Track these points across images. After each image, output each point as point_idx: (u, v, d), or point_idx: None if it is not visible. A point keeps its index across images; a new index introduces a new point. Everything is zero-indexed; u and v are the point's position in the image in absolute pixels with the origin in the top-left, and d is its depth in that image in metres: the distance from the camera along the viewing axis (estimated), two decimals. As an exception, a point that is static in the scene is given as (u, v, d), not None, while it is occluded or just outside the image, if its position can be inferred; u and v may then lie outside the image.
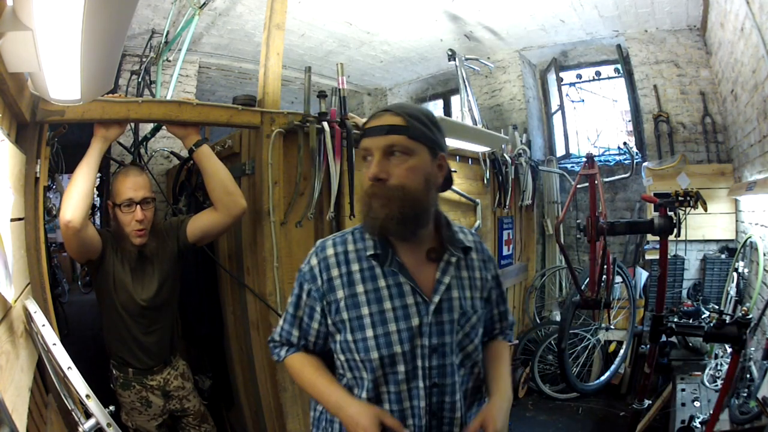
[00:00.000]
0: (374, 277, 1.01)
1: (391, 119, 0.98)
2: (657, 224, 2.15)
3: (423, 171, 0.98)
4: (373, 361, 0.97)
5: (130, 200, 1.72)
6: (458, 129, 2.75)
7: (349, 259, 1.03)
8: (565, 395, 3.64)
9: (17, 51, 0.98)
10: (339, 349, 1.02)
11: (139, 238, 1.76)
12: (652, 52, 3.84)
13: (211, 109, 1.82)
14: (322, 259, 1.04)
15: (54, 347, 1.17)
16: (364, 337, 0.98)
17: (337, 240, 1.06)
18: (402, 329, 0.98)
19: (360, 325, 0.99)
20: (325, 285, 1.02)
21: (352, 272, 1.01)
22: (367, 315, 0.99)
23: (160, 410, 1.86)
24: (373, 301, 0.99)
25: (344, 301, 1.00)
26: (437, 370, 1.00)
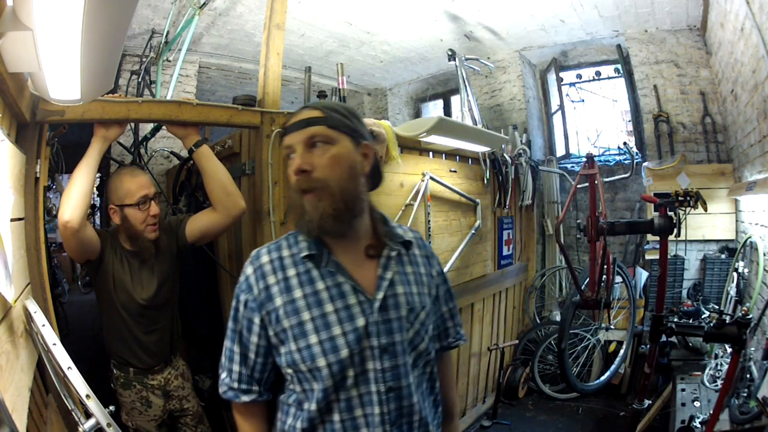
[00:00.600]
0: (311, 280, 0.95)
1: (309, 113, 0.97)
2: (657, 224, 2.15)
3: (346, 159, 0.96)
4: (321, 369, 0.91)
5: (145, 197, 1.75)
6: (458, 129, 2.75)
7: (285, 265, 0.97)
8: (565, 395, 3.64)
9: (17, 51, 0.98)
10: (284, 363, 0.95)
11: (153, 232, 1.79)
12: (652, 52, 3.84)
13: (211, 109, 1.83)
14: (257, 268, 0.98)
15: (54, 347, 1.17)
16: (308, 344, 0.92)
17: (271, 247, 1.01)
18: (347, 331, 0.92)
19: (302, 332, 0.92)
20: (262, 294, 0.95)
21: (288, 278, 0.96)
22: (308, 320, 0.93)
23: (160, 410, 1.86)
24: (313, 305, 0.93)
25: (283, 308, 0.94)
26: (390, 372, 0.94)
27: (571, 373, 3.03)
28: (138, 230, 1.76)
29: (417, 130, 2.45)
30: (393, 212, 2.44)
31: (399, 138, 2.43)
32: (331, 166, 0.94)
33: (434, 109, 5.84)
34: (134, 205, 1.73)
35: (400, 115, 5.71)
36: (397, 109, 5.70)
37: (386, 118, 4.34)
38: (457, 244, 3.02)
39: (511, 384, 3.66)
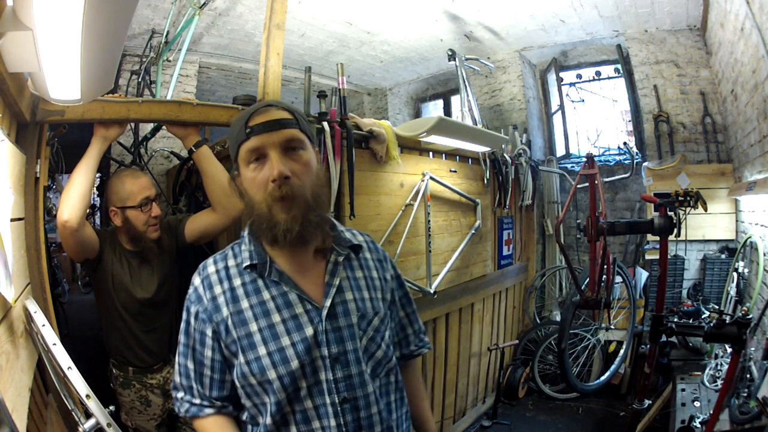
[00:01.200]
0: (257, 289, 0.91)
1: (280, 113, 0.90)
2: (657, 224, 2.15)
3: (315, 165, 0.93)
4: (273, 382, 0.86)
5: (147, 199, 1.76)
6: (458, 129, 2.75)
7: (231, 275, 0.94)
8: (565, 395, 3.64)
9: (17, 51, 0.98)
10: (236, 376, 0.90)
11: (155, 232, 1.80)
12: (652, 52, 3.84)
13: (211, 109, 1.83)
14: (204, 278, 0.95)
15: (54, 347, 1.17)
16: (257, 356, 0.87)
17: (217, 257, 0.98)
18: (296, 341, 0.88)
19: (250, 344, 0.88)
20: (210, 304, 0.92)
21: (234, 288, 0.92)
22: (256, 331, 0.88)
23: (159, 409, 1.86)
24: (261, 316, 0.89)
25: (230, 318, 0.90)
26: (344, 383, 0.89)
27: (571, 373, 3.03)
28: (140, 231, 1.76)
29: (417, 130, 2.45)
30: (393, 212, 2.44)
31: (399, 138, 2.43)
32: (307, 173, 0.90)
33: (434, 109, 5.84)
34: (136, 207, 1.74)
35: (400, 115, 5.71)
36: (397, 109, 5.70)
37: (386, 118, 4.35)
38: (457, 244, 3.02)
39: (511, 384, 3.66)
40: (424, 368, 2.73)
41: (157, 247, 1.82)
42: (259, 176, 0.89)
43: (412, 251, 2.56)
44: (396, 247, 2.38)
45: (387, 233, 2.36)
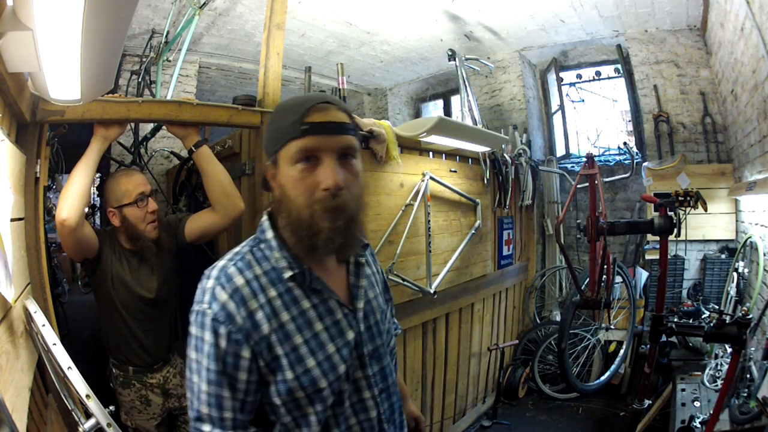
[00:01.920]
0: (295, 299, 0.86)
1: (340, 115, 0.84)
2: (657, 224, 2.15)
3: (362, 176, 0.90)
4: (323, 390, 0.84)
5: (143, 194, 1.76)
6: (458, 129, 2.75)
7: (263, 286, 0.84)
8: (565, 395, 3.64)
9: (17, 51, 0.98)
10: (275, 393, 0.84)
11: (155, 230, 1.80)
12: (652, 52, 3.84)
13: (211, 109, 1.83)
14: (233, 292, 0.82)
15: (54, 347, 1.17)
16: (306, 368, 0.84)
17: (239, 264, 0.86)
18: (340, 347, 0.88)
19: (298, 358, 0.84)
20: (246, 322, 0.81)
21: (271, 300, 0.84)
22: (302, 343, 0.84)
23: (159, 409, 1.86)
24: (304, 327, 0.85)
25: (273, 335, 0.83)
26: (379, 375, 0.94)
27: (571, 373, 3.03)
28: (139, 230, 1.76)
29: (417, 130, 2.45)
30: (393, 212, 2.44)
31: (399, 138, 2.43)
32: (356, 184, 0.86)
33: (434, 109, 5.84)
34: (132, 204, 1.74)
35: (400, 115, 5.71)
36: (397, 109, 5.70)
37: (386, 118, 4.34)
38: (457, 244, 3.02)
39: (511, 384, 3.66)
40: (424, 368, 2.73)
41: (156, 246, 1.82)
42: (308, 179, 0.82)
43: (412, 251, 2.56)
44: (396, 247, 2.38)
45: (387, 233, 2.36)
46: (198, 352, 0.82)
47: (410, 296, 2.48)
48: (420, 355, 2.69)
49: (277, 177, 0.86)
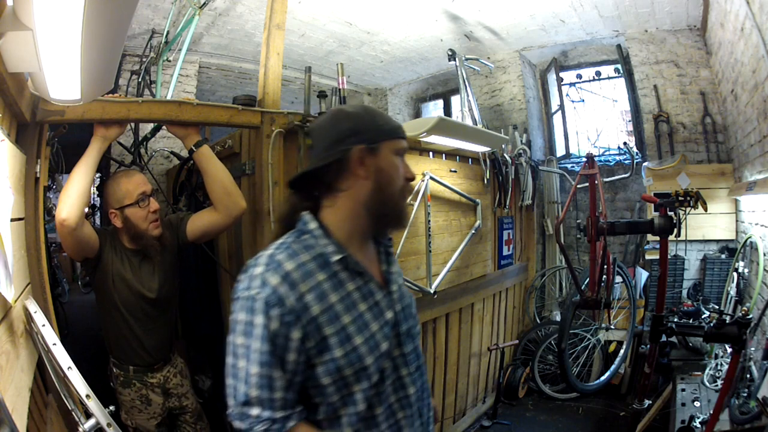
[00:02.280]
0: (340, 282, 0.93)
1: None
2: (657, 224, 2.15)
3: None
4: (369, 368, 0.91)
5: (144, 194, 1.76)
6: (458, 129, 2.75)
7: (311, 270, 0.91)
8: (565, 395, 3.64)
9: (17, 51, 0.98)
10: (324, 372, 0.90)
11: (157, 229, 1.80)
12: (652, 52, 3.84)
13: (211, 109, 1.83)
14: (284, 277, 0.88)
15: (54, 347, 1.17)
16: (354, 346, 0.91)
17: (286, 252, 0.92)
18: (381, 326, 0.96)
19: (346, 336, 0.90)
20: (297, 305, 0.87)
21: (319, 283, 0.91)
22: (350, 323, 0.92)
23: (159, 408, 1.86)
24: (350, 308, 0.93)
25: (321, 316, 0.89)
26: (413, 354, 1.03)
27: (571, 373, 3.03)
28: (141, 229, 1.76)
29: (417, 130, 2.45)
30: (393, 212, 2.44)
31: (399, 138, 2.42)
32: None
33: (434, 109, 5.84)
34: (134, 204, 1.74)
35: (400, 115, 5.71)
36: (397, 109, 5.70)
37: (386, 118, 4.33)
38: (457, 244, 3.02)
39: (511, 384, 3.66)
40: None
41: (159, 245, 1.82)
42: (401, 171, 1.01)
43: (412, 251, 2.56)
44: (396, 247, 2.38)
45: (387, 233, 2.35)
46: (246, 337, 0.87)
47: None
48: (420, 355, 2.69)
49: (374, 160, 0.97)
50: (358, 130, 0.98)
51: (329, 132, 0.99)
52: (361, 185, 0.97)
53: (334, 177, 0.98)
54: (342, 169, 0.97)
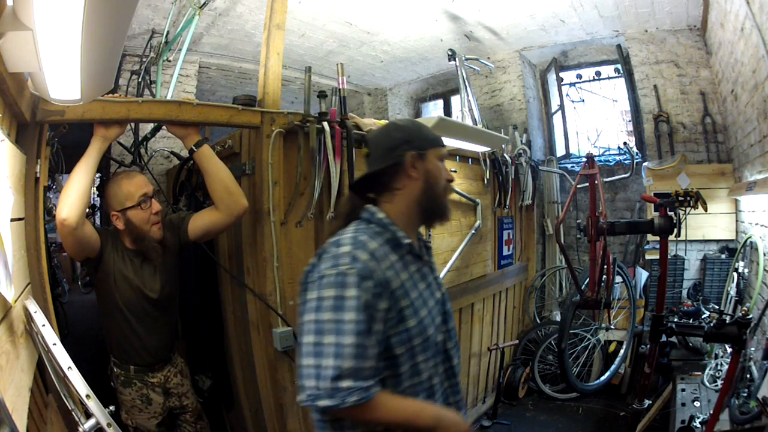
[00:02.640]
0: (407, 264, 1.10)
1: None
2: (657, 224, 2.15)
3: None
4: (430, 338, 1.07)
5: (146, 195, 1.76)
6: (458, 129, 2.75)
7: (386, 252, 1.05)
8: (565, 395, 3.64)
9: (17, 51, 0.98)
10: (398, 342, 1.02)
11: (159, 231, 1.80)
12: (652, 52, 3.84)
13: (211, 109, 1.82)
14: (371, 253, 1.00)
15: (54, 347, 1.17)
16: (420, 318, 1.06)
17: (367, 234, 1.06)
18: (435, 303, 1.14)
19: (414, 310, 1.05)
20: (382, 276, 0.99)
21: (393, 263, 1.05)
22: (416, 298, 1.07)
23: (160, 408, 1.86)
24: (413, 286, 1.08)
25: (398, 290, 1.03)
26: (452, 332, 1.20)
27: (571, 373, 3.03)
28: (143, 231, 1.76)
29: (417, 130, 2.44)
30: (393, 212, 2.44)
31: (399, 138, 2.42)
32: None
33: (434, 109, 5.84)
34: (136, 206, 1.74)
35: (400, 115, 5.71)
36: (397, 109, 5.70)
37: (386, 118, 4.35)
38: (457, 244, 3.01)
39: (511, 384, 3.66)
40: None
41: (161, 247, 1.82)
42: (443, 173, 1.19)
43: (412, 251, 2.56)
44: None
45: (387, 233, 2.35)
46: (337, 312, 0.95)
47: (410, 296, 2.48)
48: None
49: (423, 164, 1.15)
50: (410, 139, 1.15)
51: (385, 141, 1.16)
52: (414, 185, 1.14)
53: (391, 178, 1.15)
54: (398, 171, 1.14)
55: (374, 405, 0.96)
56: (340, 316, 0.94)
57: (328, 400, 0.92)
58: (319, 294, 0.97)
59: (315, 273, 1.01)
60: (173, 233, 1.87)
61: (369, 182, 1.18)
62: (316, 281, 1.00)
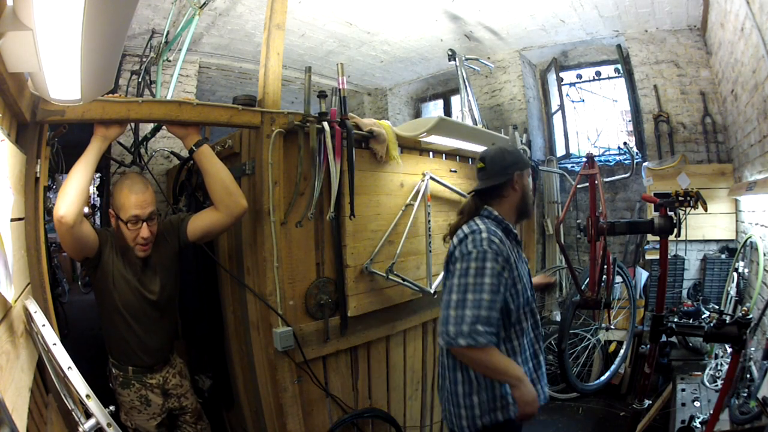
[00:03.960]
0: (513, 246, 1.58)
1: None
2: (657, 224, 2.15)
3: None
4: (531, 305, 1.57)
5: (136, 217, 1.72)
6: (458, 129, 2.75)
7: (502, 238, 1.51)
8: (565, 395, 3.64)
9: (17, 51, 0.98)
10: (512, 301, 1.48)
11: (143, 252, 1.78)
12: (652, 52, 3.84)
13: (212, 109, 1.82)
14: (499, 239, 1.49)
15: (54, 347, 1.17)
16: (525, 289, 1.55)
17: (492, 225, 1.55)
18: (529, 279, 1.63)
19: (520, 277, 1.54)
20: (506, 253, 1.47)
21: (508, 246, 1.52)
22: (522, 275, 1.56)
23: (159, 409, 1.86)
24: (518, 265, 1.55)
25: (512, 266, 1.49)
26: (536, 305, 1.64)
27: (571, 373, 3.02)
28: (127, 243, 1.76)
29: (417, 130, 2.45)
30: (393, 212, 2.44)
31: (399, 138, 2.43)
32: None
33: (434, 109, 5.84)
34: (124, 222, 1.73)
35: (400, 115, 5.71)
36: (397, 109, 5.70)
37: (386, 118, 4.34)
38: (457, 244, 3.00)
39: (511, 384, 3.66)
40: (424, 368, 2.73)
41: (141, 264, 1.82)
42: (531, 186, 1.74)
43: (412, 251, 2.56)
44: (396, 247, 2.38)
45: (387, 233, 2.35)
46: (479, 277, 1.41)
47: (410, 296, 2.48)
48: (420, 355, 2.69)
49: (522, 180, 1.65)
50: (516, 162, 1.64)
51: (501, 162, 1.62)
52: (515, 195, 1.64)
53: (502, 189, 1.63)
54: (507, 185, 1.63)
55: (490, 350, 1.38)
56: (482, 280, 1.40)
57: (466, 340, 1.35)
58: (467, 265, 1.43)
59: (460, 250, 1.48)
60: (172, 235, 1.87)
61: (486, 191, 1.63)
62: (465, 255, 1.45)
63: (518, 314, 1.50)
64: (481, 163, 1.65)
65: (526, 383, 1.41)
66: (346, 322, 2.14)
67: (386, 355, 2.45)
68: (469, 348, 1.35)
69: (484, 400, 1.50)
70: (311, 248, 2.08)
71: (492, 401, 1.50)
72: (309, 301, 2.05)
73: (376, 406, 2.36)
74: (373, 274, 2.26)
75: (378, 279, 2.30)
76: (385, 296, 2.35)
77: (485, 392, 1.50)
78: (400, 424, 2.47)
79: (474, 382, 1.52)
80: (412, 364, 2.64)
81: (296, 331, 1.93)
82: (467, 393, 1.52)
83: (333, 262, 2.14)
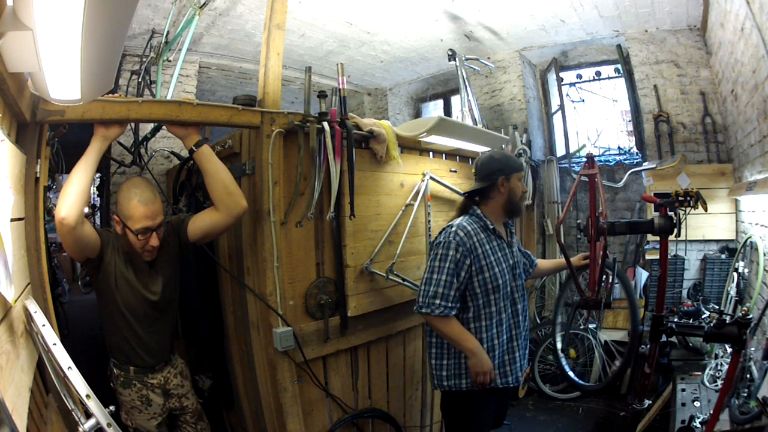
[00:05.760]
0: (489, 239, 1.87)
1: None
2: (657, 224, 2.15)
3: None
4: (500, 284, 1.84)
5: (147, 229, 1.72)
6: (458, 129, 2.75)
7: (476, 231, 1.85)
8: (565, 395, 3.64)
9: (17, 51, 0.98)
10: (478, 283, 1.81)
11: (151, 256, 1.79)
12: (652, 52, 3.84)
13: (212, 109, 1.82)
14: (465, 233, 1.81)
15: (54, 347, 1.17)
16: (494, 271, 1.83)
17: (464, 222, 1.86)
18: (507, 264, 1.91)
19: (489, 265, 1.83)
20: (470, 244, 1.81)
21: (481, 239, 1.84)
22: (493, 260, 1.84)
23: (159, 409, 1.86)
24: (491, 253, 1.85)
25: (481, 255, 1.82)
26: (522, 286, 1.97)
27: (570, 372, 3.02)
28: (135, 250, 1.76)
29: (417, 130, 2.45)
30: (393, 212, 2.44)
31: (399, 138, 2.43)
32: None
33: (434, 109, 5.84)
34: (133, 233, 1.72)
35: (401, 115, 5.71)
36: (397, 109, 5.70)
37: (386, 118, 4.34)
38: (457, 244, 3.00)
39: (511, 384, 3.66)
40: (424, 368, 2.73)
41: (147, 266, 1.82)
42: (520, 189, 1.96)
43: (412, 251, 2.56)
44: (396, 247, 2.38)
45: (387, 233, 2.36)
46: (442, 261, 1.79)
47: (410, 296, 2.47)
48: (420, 355, 2.69)
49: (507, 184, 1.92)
50: (502, 168, 1.92)
51: (486, 168, 1.93)
52: (501, 196, 1.93)
53: (489, 191, 1.93)
54: (493, 188, 1.92)
55: (447, 320, 1.78)
56: (443, 264, 1.78)
57: (426, 309, 1.79)
58: (436, 251, 1.82)
59: (437, 240, 1.86)
60: (173, 235, 1.87)
61: (475, 192, 1.96)
62: (436, 244, 1.84)
63: (487, 298, 1.82)
64: (474, 168, 1.98)
65: (479, 355, 1.76)
66: (346, 322, 2.15)
67: (386, 355, 2.45)
68: (428, 315, 1.79)
69: (451, 365, 1.87)
70: (311, 248, 2.08)
71: (457, 367, 1.86)
72: (309, 301, 2.05)
73: (376, 406, 2.37)
74: (373, 274, 2.26)
75: (378, 279, 2.30)
76: (385, 296, 2.36)
77: (452, 358, 1.87)
78: (400, 424, 2.47)
79: (444, 347, 1.90)
80: (412, 364, 2.64)
81: (296, 331, 1.93)
82: (438, 355, 1.91)
83: (333, 262, 2.15)
